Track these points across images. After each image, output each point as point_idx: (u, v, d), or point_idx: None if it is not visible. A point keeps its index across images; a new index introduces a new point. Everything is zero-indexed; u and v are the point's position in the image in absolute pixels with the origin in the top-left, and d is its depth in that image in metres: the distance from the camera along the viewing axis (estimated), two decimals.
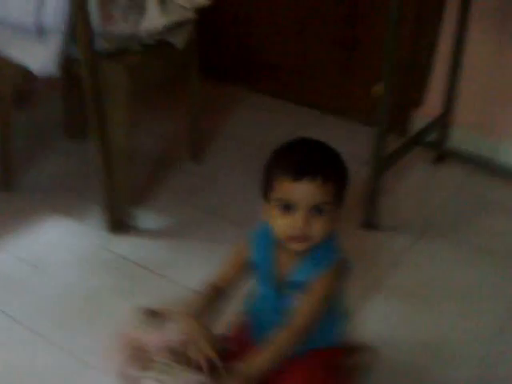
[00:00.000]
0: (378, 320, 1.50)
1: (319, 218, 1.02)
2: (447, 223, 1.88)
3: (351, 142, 2.07)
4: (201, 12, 1.84)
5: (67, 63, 1.63)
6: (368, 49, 2.30)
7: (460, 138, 2.16)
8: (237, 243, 1.15)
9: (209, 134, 2.29)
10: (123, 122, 1.68)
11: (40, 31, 1.61)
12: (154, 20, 1.68)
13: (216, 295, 1.12)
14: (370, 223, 1.84)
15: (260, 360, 1.03)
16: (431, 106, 2.20)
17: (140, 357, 1.07)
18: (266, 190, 1.07)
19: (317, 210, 1.01)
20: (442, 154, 2.18)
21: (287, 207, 1.02)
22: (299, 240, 1.03)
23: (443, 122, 2.13)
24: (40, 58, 1.61)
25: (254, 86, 2.64)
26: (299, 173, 1.01)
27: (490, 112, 2.13)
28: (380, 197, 1.83)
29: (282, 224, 1.03)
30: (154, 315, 1.15)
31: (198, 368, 1.02)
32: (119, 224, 1.79)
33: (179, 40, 1.79)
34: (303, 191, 1.01)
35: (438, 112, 2.11)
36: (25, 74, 1.65)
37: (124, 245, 1.74)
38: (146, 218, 1.86)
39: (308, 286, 1.06)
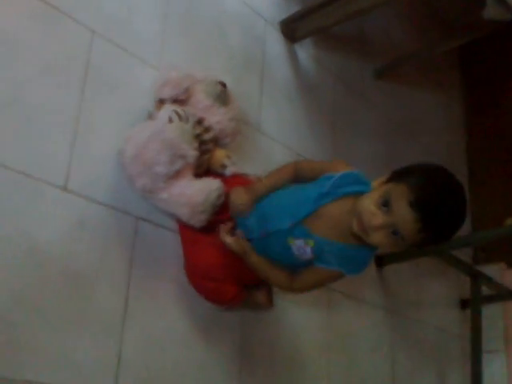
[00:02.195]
0: None
1: (389, 235, 1.01)
2: None
3: None
4: None
5: None
6: None
7: None
8: (342, 161, 1.16)
9: None
10: None
11: None
12: None
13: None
14: None
15: (257, 262, 1.15)
16: None
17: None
18: (396, 177, 1.04)
19: (396, 232, 1.01)
20: None
21: (385, 204, 1.01)
22: (361, 226, 1.03)
23: None
24: None
25: None
26: (422, 210, 0.98)
27: None
28: None
29: (368, 204, 1.02)
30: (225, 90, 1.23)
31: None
32: None
33: None
34: (407, 218, 0.98)
35: None
36: None
37: None
38: None
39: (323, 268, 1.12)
